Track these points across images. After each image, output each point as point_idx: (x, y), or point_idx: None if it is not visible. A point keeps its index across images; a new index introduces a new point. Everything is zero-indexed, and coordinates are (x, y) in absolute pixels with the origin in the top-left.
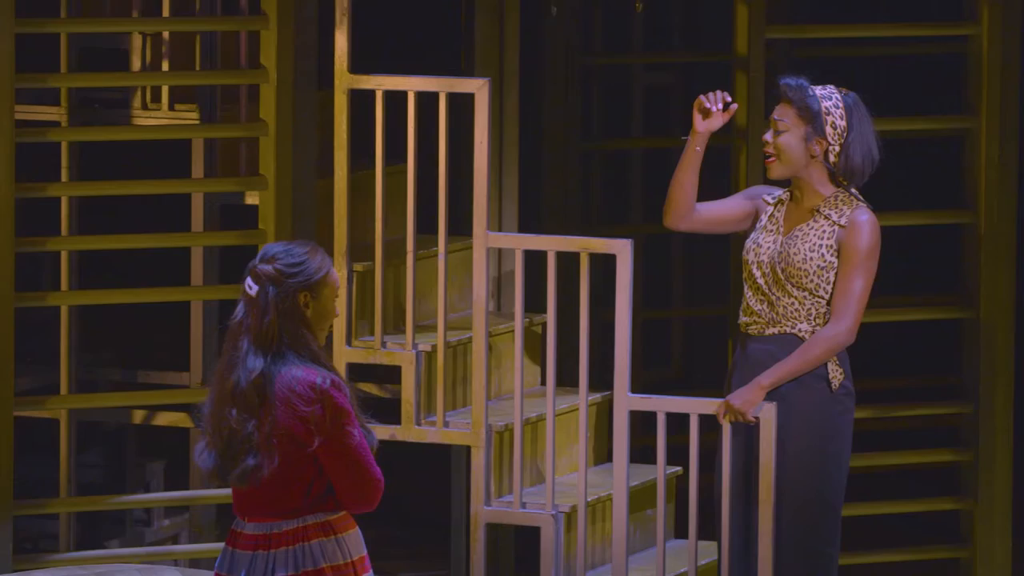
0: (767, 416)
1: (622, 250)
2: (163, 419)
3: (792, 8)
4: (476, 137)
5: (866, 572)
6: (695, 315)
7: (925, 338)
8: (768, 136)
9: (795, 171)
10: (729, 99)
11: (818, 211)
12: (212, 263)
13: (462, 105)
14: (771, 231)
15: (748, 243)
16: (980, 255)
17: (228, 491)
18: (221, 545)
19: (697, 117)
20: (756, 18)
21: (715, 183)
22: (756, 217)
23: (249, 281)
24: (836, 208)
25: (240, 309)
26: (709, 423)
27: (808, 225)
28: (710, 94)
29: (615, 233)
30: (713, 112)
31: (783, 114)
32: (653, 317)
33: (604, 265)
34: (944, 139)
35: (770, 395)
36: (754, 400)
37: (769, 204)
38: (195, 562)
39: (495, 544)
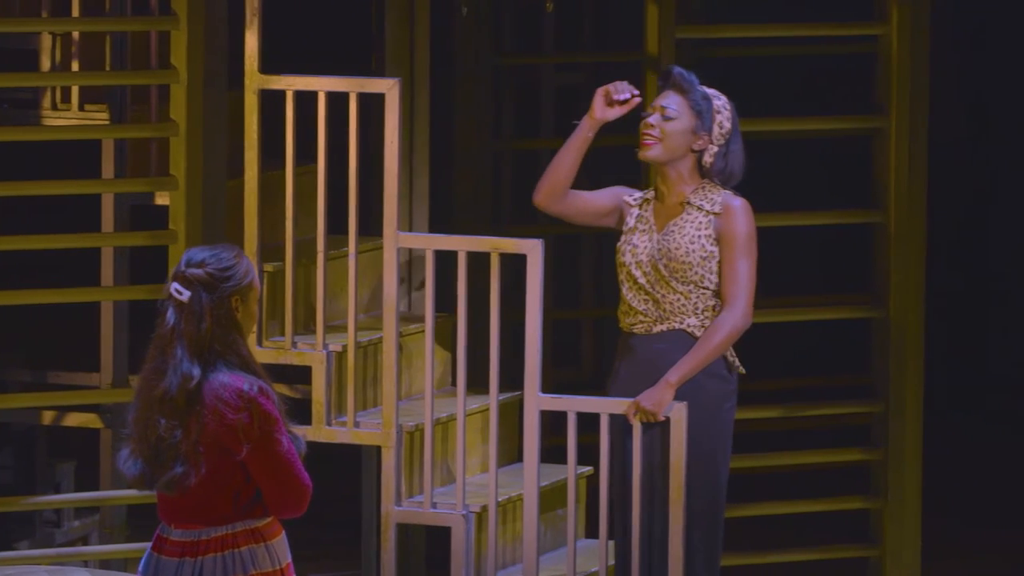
0: (678, 416)
1: (532, 250)
2: (73, 420)
3: (702, 8)
4: (386, 137)
5: (776, 572)
6: (605, 315)
7: (835, 337)
8: (654, 119)
9: (671, 159)
10: (636, 91)
11: (688, 203)
12: (122, 263)
13: (373, 105)
14: (643, 231)
15: (622, 246)
16: (890, 255)
17: (138, 492)
18: (132, 546)
19: (599, 102)
20: (666, 18)
21: (627, 182)
22: (620, 217)
23: (178, 286)
24: (706, 198)
25: (171, 315)
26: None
27: (681, 218)
28: (617, 83)
29: (526, 233)
30: (617, 102)
31: (671, 101)
32: (563, 317)
33: (515, 265)
34: (854, 139)
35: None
36: (665, 400)
37: (632, 205)
38: (105, 563)
39: (406, 544)
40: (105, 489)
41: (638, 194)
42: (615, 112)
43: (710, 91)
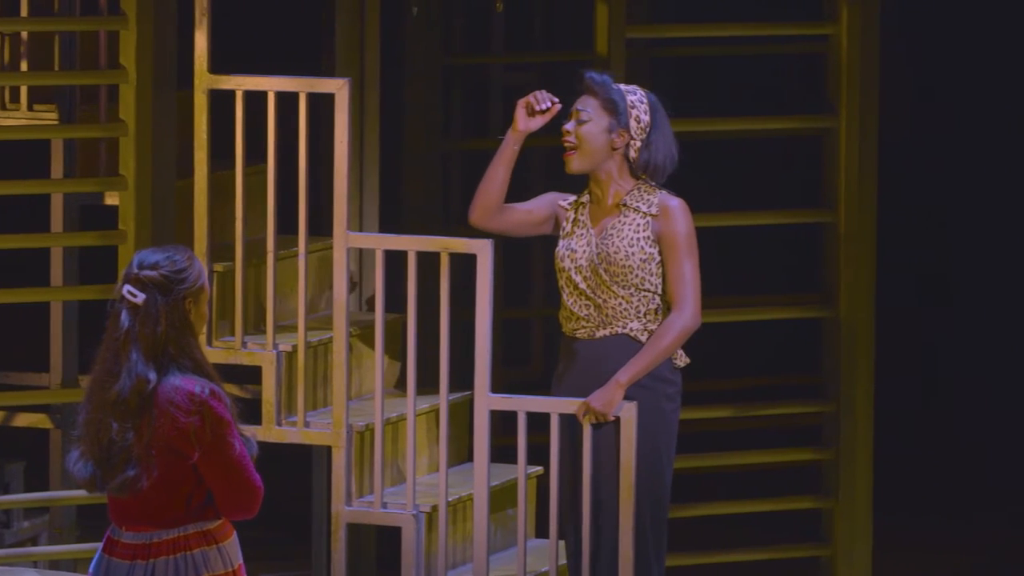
0: (627, 415)
1: (482, 250)
2: (22, 420)
3: (652, 8)
4: (336, 137)
5: (727, 571)
6: (555, 315)
7: (786, 337)
8: (570, 126)
9: (595, 164)
10: (555, 100)
11: (624, 204)
12: (72, 264)
13: (323, 105)
14: (581, 235)
15: (560, 250)
16: (840, 254)
17: (88, 493)
18: (81, 547)
19: (521, 115)
20: (616, 18)
21: (577, 182)
22: (556, 223)
23: (131, 288)
24: (642, 199)
25: (125, 318)
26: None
27: (619, 220)
28: (537, 93)
29: (476, 233)
30: (539, 112)
31: (586, 104)
32: (513, 317)
33: (465, 265)
34: (804, 138)
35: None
36: (615, 400)
37: (567, 209)
38: (55, 564)
39: (357, 544)
40: (55, 489)
41: (571, 198)
42: (537, 122)
43: (626, 87)
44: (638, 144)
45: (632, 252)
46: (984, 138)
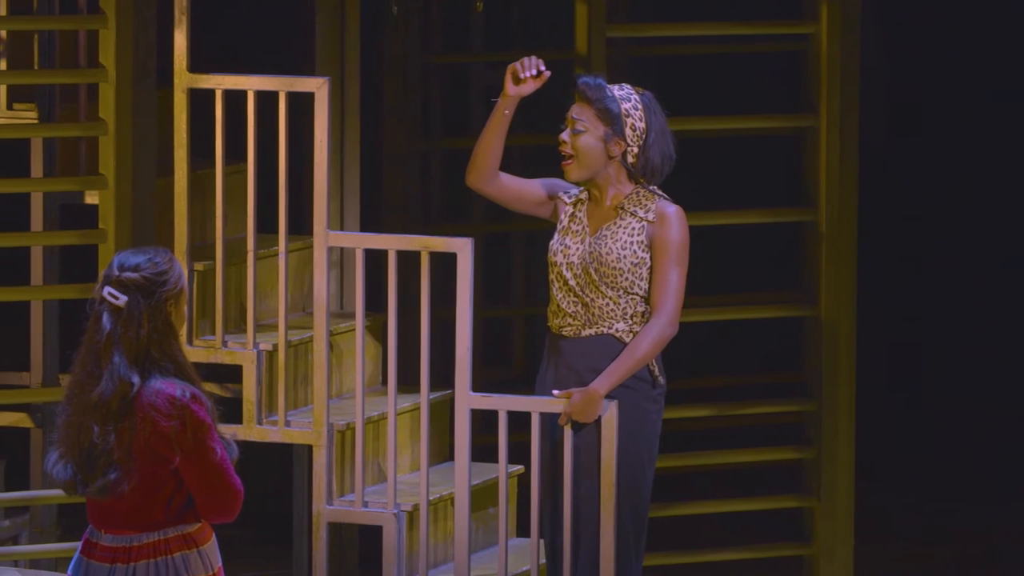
0: (609, 415)
1: (462, 249)
2: (3, 419)
3: (632, 6)
4: (316, 136)
5: (709, 571)
6: (536, 313)
7: (768, 336)
8: (565, 136)
9: (593, 172)
10: (543, 67)
11: (623, 208)
12: (52, 263)
13: (304, 104)
14: (576, 232)
15: (554, 245)
16: (821, 253)
17: (67, 494)
18: (62, 546)
19: (508, 81)
20: (596, 17)
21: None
22: (554, 211)
23: (112, 291)
24: (641, 205)
25: (106, 320)
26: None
27: (615, 223)
28: (524, 60)
29: (456, 232)
30: (524, 79)
31: (581, 114)
32: (494, 315)
33: (445, 263)
34: (784, 137)
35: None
36: (595, 411)
37: (567, 203)
38: (35, 563)
39: (339, 543)
40: (35, 489)
41: (574, 191)
42: (528, 87)
43: (622, 91)
44: (635, 150)
45: (624, 255)
46: (965, 138)
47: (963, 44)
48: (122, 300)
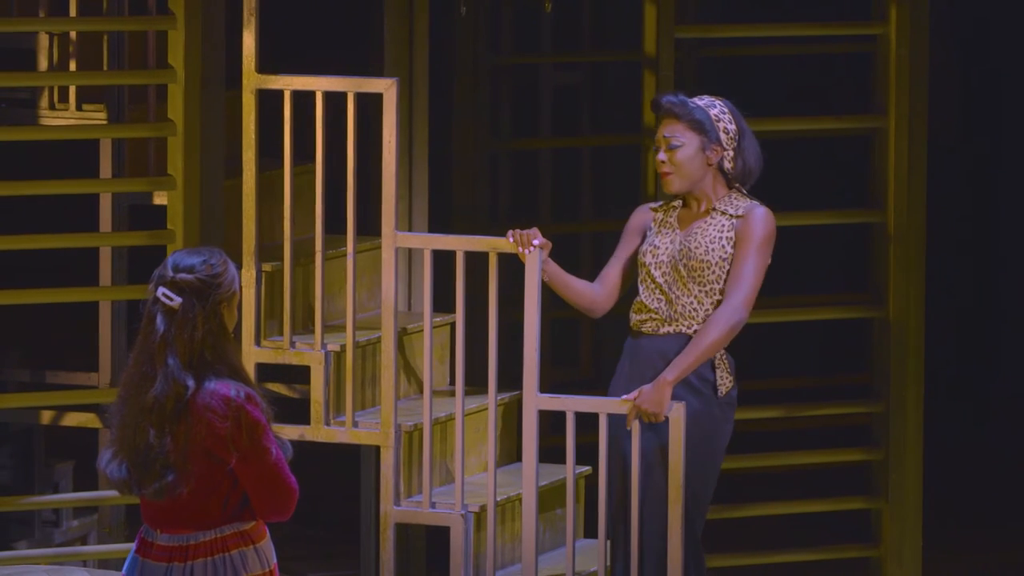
0: (676, 415)
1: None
2: (71, 419)
3: (700, 8)
4: (384, 137)
5: (776, 572)
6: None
7: (836, 337)
8: (662, 156)
9: (694, 183)
10: (536, 241)
11: (715, 209)
12: (120, 263)
13: (372, 105)
14: (666, 233)
15: (644, 247)
16: (890, 254)
17: (120, 494)
18: (130, 546)
19: (519, 248)
20: (665, 18)
21: (626, 182)
22: (644, 235)
23: (167, 292)
24: (732, 204)
25: (160, 322)
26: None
27: (706, 221)
28: (518, 234)
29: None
30: (522, 253)
31: (673, 130)
32: (562, 316)
33: (513, 265)
34: (853, 138)
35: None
36: (664, 399)
37: (655, 211)
38: (104, 563)
39: (406, 544)
40: (103, 489)
41: (660, 202)
42: (537, 254)
43: (704, 101)
44: (731, 154)
45: (712, 249)
46: None
47: None
48: (176, 302)
